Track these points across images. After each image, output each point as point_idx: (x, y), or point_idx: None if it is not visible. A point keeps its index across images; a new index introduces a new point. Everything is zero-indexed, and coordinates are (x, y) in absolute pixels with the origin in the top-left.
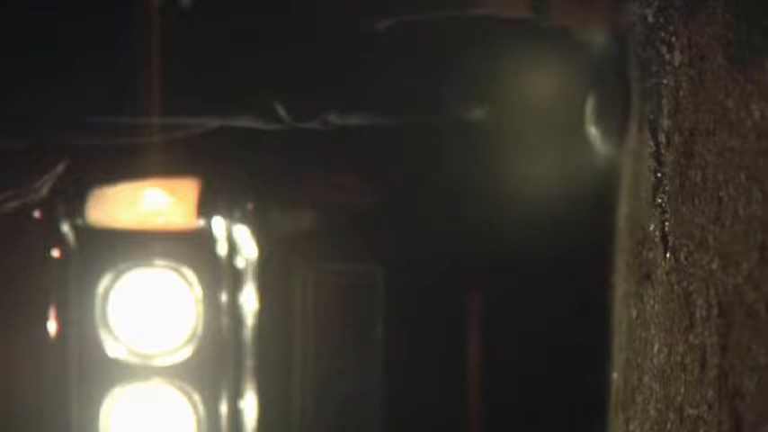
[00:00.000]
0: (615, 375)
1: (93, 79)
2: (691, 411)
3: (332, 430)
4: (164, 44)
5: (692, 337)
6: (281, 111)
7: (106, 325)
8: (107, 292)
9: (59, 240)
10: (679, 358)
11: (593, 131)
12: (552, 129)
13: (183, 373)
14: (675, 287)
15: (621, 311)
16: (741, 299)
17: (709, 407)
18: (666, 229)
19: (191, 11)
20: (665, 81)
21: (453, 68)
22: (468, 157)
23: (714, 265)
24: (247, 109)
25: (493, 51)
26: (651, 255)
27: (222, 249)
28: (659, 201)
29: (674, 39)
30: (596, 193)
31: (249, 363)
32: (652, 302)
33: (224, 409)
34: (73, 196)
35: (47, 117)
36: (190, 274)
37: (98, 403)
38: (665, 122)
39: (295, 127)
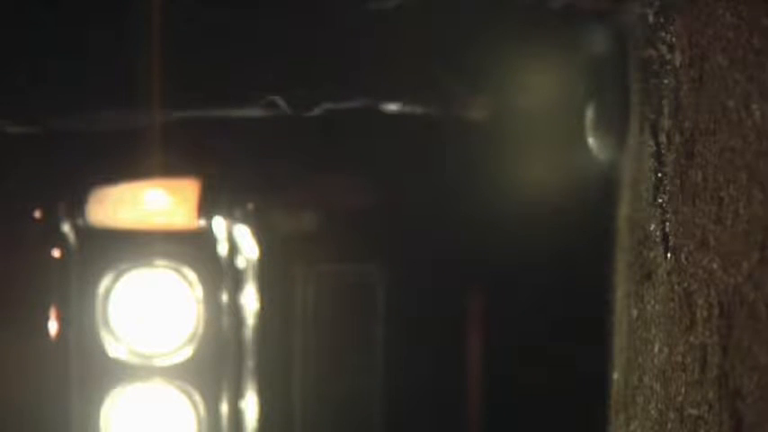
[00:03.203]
0: (615, 375)
1: (95, 69)
2: (691, 411)
3: (332, 430)
4: (166, 35)
5: (692, 338)
6: (280, 101)
7: (107, 325)
8: (108, 292)
9: (59, 240)
10: (679, 358)
11: (592, 132)
12: (553, 126)
13: (184, 373)
14: (676, 287)
15: (621, 311)
16: (742, 299)
17: (710, 407)
18: (667, 229)
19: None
20: (665, 81)
21: (457, 56)
22: (469, 154)
23: (715, 265)
24: (246, 99)
25: (498, 38)
26: (652, 255)
27: (223, 249)
28: (660, 201)
29: (674, 39)
30: (596, 192)
31: (250, 363)
32: (652, 302)
33: (224, 409)
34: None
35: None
36: (190, 274)
37: (98, 403)
38: (666, 122)
39: (294, 116)
